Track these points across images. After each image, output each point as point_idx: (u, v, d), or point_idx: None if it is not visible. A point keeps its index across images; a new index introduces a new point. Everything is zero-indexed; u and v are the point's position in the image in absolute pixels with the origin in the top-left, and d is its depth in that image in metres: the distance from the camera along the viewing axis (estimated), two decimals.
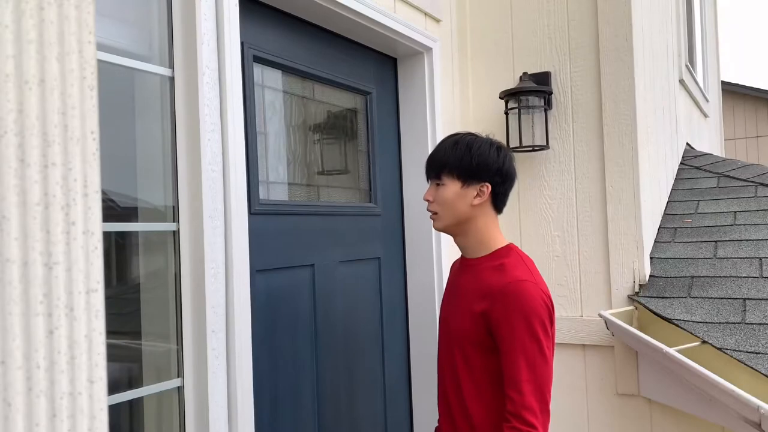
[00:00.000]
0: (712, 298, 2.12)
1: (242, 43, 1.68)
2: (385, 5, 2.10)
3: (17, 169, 0.58)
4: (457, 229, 1.45)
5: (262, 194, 1.75)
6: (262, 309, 1.69)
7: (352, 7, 1.90)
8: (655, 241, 2.52)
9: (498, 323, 1.31)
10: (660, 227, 2.63)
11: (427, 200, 1.46)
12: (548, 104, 2.42)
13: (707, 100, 4.69)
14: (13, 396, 0.57)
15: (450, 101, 2.50)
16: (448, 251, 2.35)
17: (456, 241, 1.50)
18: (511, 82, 2.52)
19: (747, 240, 2.36)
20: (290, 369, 1.79)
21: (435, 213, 1.45)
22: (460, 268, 1.53)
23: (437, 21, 2.44)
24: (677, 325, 2.05)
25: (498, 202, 1.45)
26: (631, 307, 2.26)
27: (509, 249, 1.43)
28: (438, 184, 1.43)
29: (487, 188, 1.41)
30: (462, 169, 1.40)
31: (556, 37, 2.44)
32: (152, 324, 1.42)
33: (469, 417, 1.40)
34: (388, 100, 2.34)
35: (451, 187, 1.41)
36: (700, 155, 3.41)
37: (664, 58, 3.01)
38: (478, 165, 1.40)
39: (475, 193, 1.40)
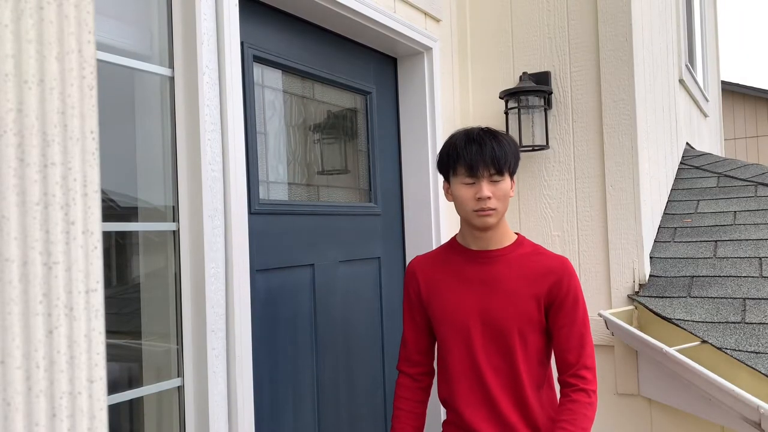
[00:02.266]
0: (712, 297, 2.12)
1: (242, 43, 1.68)
2: (385, 5, 2.10)
3: (17, 169, 0.58)
4: (499, 222, 1.48)
5: (262, 194, 1.75)
6: (262, 309, 1.69)
7: (352, 7, 1.90)
8: (655, 241, 2.52)
9: (565, 296, 1.46)
10: (660, 227, 2.63)
11: (488, 197, 1.42)
12: (548, 104, 2.42)
13: (707, 100, 4.70)
14: (13, 395, 0.57)
15: (450, 101, 2.50)
16: None
17: (484, 236, 1.49)
18: (511, 82, 2.52)
19: (747, 240, 2.36)
20: (290, 368, 1.79)
21: (493, 209, 1.43)
22: (468, 261, 1.50)
23: (437, 21, 2.44)
24: (677, 325, 2.05)
25: None
26: (631, 307, 2.26)
27: (524, 237, 1.57)
28: (496, 180, 1.43)
29: (515, 180, 1.51)
30: (514, 163, 1.47)
31: (555, 36, 2.44)
32: (152, 324, 1.42)
33: (528, 406, 1.47)
34: (388, 100, 2.34)
35: (507, 180, 1.44)
36: (700, 155, 3.41)
37: (664, 57, 3.01)
38: (519, 159, 1.50)
39: (511, 185, 1.49)
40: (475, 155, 1.41)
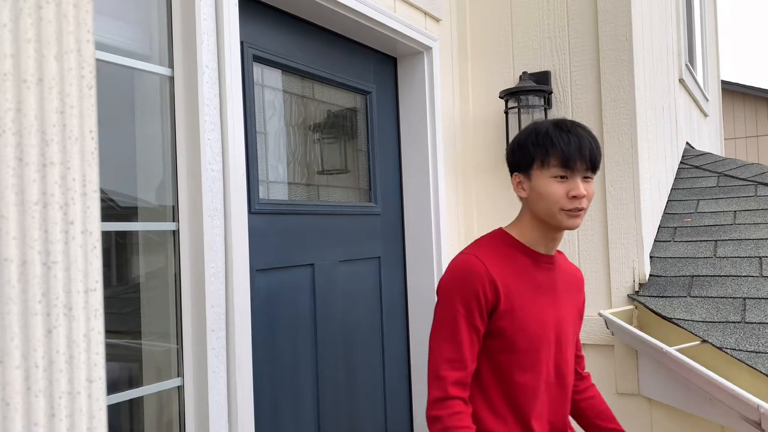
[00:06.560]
0: (712, 297, 2.12)
1: (242, 43, 1.68)
2: (385, 5, 2.10)
3: (15, 168, 0.58)
4: None
5: (262, 194, 1.75)
6: (262, 308, 1.69)
7: (352, 7, 1.90)
8: (655, 241, 2.52)
9: (584, 306, 1.50)
10: (660, 226, 2.63)
11: (583, 195, 1.27)
12: (548, 103, 2.42)
13: (707, 100, 4.69)
14: (12, 395, 0.57)
15: (450, 100, 2.50)
16: (447, 251, 2.35)
17: (557, 238, 1.36)
18: (511, 82, 2.51)
19: (747, 239, 2.36)
20: (290, 368, 1.79)
21: (584, 210, 1.30)
22: (537, 266, 1.35)
23: (437, 20, 2.43)
24: (677, 325, 2.05)
25: None
26: (631, 307, 2.25)
27: None
28: (589, 179, 1.30)
29: None
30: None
31: (555, 36, 2.44)
32: (152, 323, 1.42)
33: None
34: (388, 99, 2.34)
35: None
36: (700, 154, 3.41)
37: (664, 57, 3.01)
38: None
39: None
40: (573, 148, 1.26)
